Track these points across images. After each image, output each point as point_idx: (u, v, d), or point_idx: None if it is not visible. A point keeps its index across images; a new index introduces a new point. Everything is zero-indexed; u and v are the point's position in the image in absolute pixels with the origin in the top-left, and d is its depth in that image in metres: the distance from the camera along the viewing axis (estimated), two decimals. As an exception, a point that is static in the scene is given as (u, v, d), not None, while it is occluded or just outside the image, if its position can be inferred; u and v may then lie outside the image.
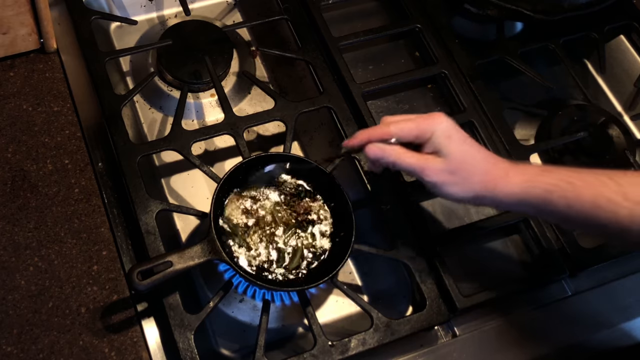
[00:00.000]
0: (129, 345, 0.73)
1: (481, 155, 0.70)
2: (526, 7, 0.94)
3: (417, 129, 0.69)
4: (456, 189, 0.69)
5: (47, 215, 0.79)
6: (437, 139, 0.68)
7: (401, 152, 0.69)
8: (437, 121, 0.69)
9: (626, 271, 0.86)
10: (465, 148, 0.69)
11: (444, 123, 0.69)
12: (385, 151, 0.70)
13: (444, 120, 0.69)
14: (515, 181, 0.68)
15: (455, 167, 0.68)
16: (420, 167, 0.69)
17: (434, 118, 0.69)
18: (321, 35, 0.94)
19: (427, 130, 0.69)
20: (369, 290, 0.88)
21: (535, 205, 0.67)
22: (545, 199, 0.66)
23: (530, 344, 0.80)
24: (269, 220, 0.78)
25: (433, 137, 0.68)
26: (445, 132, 0.69)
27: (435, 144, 0.68)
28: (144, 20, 1.04)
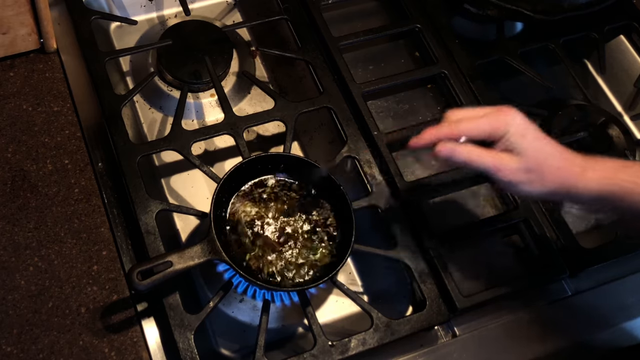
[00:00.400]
0: (129, 345, 0.73)
1: (557, 152, 0.67)
2: (526, 7, 0.94)
3: (490, 127, 0.67)
4: (532, 187, 0.67)
5: (47, 215, 0.79)
6: (511, 137, 0.66)
7: (473, 152, 0.67)
8: (510, 118, 0.67)
9: (626, 271, 0.86)
10: (540, 145, 0.67)
11: (517, 119, 0.66)
12: (456, 152, 0.67)
13: (517, 116, 0.67)
14: (593, 178, 0.66)
15: (531, 165, 0.66)
16: (495, 167, 0.66)
17: (507, 114, 0.67)
18: (321, 35, 0.94)
19: (499, 129, 0.66)
20: (369, 290, 0.88)
21: (612, 202, 0.66)
22: (623, 196, 0.65)
23: (531, 344, 0.80)
24: (269, 219, 0.78)
25: (507, 135, 0.66)
26: (520, 129, 0.66)
27: (509, 142, 0.66)
28: (144, 20, 1.04)
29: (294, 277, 0.76)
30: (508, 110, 0.67)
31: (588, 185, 0.66)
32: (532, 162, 0.66)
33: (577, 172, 0.67)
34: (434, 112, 0.97)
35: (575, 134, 0.92)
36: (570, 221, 0.85)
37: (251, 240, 0.77)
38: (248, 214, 0.78)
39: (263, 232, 0.78)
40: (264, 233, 0.77)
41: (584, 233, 0.89)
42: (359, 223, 0.76)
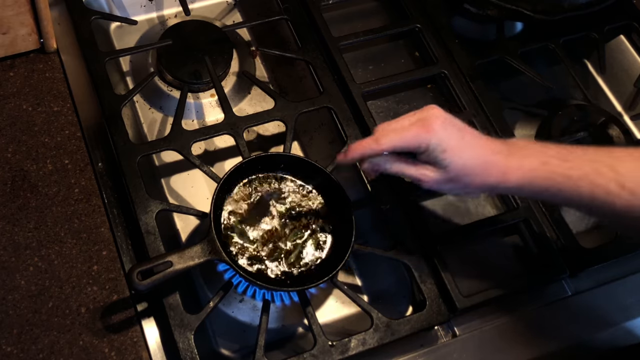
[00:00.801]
0: (129, 345, 0.73)
1: (477, 157, 0.68)
2: (526, 7, 0.94)
3: (411, 142, 0.68)
4: (458, 192, 0.72)
5: (47, 215, 0.79)
6: (432, 153, 0.68)
7: (395, 166, 0.71)
8: (431, 135, 0.67)
9: (626, 271, 0.86)
10: (463, 156, 0.68)
11: (437, 133, 0.67)
12: (379, 166, 0.71)
13: (437, 129, 0.67)
14: (513, 179, 0.67)
15: (454, 176, 0.68)
16: (417, 179, 0.70)
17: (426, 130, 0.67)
18: (321, 35, 0.94)
19: (421, 145, 0.68)
20: (369, 290, 0.88)
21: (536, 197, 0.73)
22: (543, 192, 0.67)
23: (531, 344, 0.80)
24: (269, 220, 0.78)
25: (428, 151, 0.68)
26: (440, 145, 0.67)
27: (431, 157, 0.68)
28: (144, 20, 1.04)
29: (294, 277, 0.76)
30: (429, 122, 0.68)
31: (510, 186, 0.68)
32: (455, 174, 0.68)
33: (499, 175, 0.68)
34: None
35: (575, 134, 0.92)
36: (570, 221, 0.85)
37: (251, 240, 0.77)
38: (248, 213, 0.78)
39: (263, 231, 0.78)
40: (264, 232, 0.77)
41: (584, 233, 0.89)
42: (359, 223, 0.76)
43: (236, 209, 0.78)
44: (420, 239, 0.80)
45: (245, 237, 0.77)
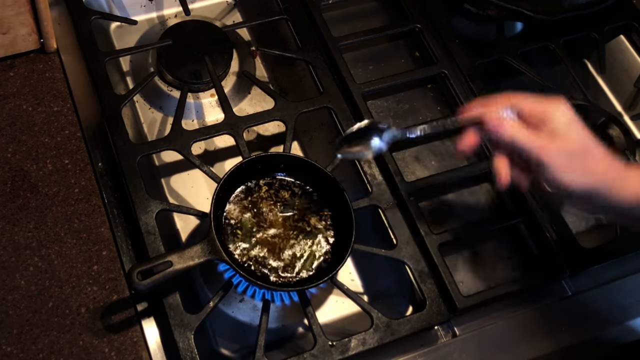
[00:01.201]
0: (129, 345, 0.73)
1: (601, 148, 0.65)
2: (526, 7, 0.94)
3: (537, 105, 0.64)
4: (572, 177, 0.63)
5: (47, 215, 0.79)
6: (559, 118, 0.63)
7: (519, 127, 0.64)
8: (558, 104, 0.64)
9: (626, 271, 0.86)
10: (587, 136, 0.64)
11: (565, 107, 0.64)
12: (503, 124, 0.64)
13: (565, 105, 0.65)
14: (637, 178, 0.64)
15: (576, 150, 0.63)
16: (539, 145, 0.63)
17: (555, 100, 0.65)
18: (321, 35, 0.94)
19: (546, 110, 0.64)
20: (369, 290, 0.88)
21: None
22: None
23: (530, 344, 0.80)
24: (269, 220, 0.78)
25: (554, 117, 0.64)
26: (567, 116, 0.64)
27: (555, 125, 0.63)
28: (144, 20, 1.04)
29: (294, 277, 0.76)
30: (557, 98, 0.65)
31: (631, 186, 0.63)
32: (578, 148, 0.63)
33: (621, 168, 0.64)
34: (434, 112, 0.97)
35: (575, 134, 0.92)
36: (570, 221, 0.85)
37: (251, 240, 0.77)
38: (248, 213, 0.78)
39: (263, 231, 0.78)
40: (264, 233, 0.77)
41: (584, 233, 0.89)
42: (359, 223, 0.76)
43: (236, 208, 0.78)
44: (420, 238, 0.80)
45: (245, 237, 0.77)
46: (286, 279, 0.76)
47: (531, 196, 0.85)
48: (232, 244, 0.76)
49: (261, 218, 0.78)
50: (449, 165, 0.91)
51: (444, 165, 0.91)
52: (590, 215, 0.91)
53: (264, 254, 0.76)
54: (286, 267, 0.76)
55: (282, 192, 0.80)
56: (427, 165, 0.91)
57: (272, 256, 0.77)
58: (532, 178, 0.67)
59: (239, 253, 0.76)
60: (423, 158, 0.92)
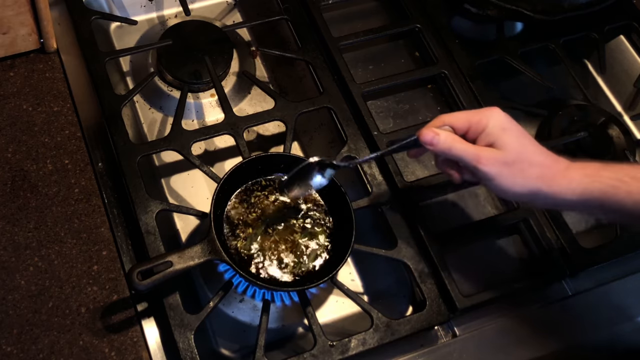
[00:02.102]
0: (129, 345, 0.73)
1: (539, 150, 0.67)
2: (526, 7, 0.94)
3: (471, 117, 0.67)
4: (512, 182, 0.65)
5: (47, 215, 0.79)
6: (491, 129, 0.66)
7: (455, 139, 0.67)
8: (491, 113, 0.67)
9: (626, 271, 0.86)
10: (523, 141, 0.66)
11: (498, 114, 0.67)
12: (438, 137, 0.66)
13: (498, 112, 0.67)
14: (576, 176, 0.65)
15: (513, 158, 0.65)
16: (475, 155, 0.65)
17: (488, 110, 0.67)
18: (321, 35, 0.94)
19: (480, 121, 0.66)
20: (369, 290, 0.88)
21: (599, 202, 0.64)
22: (610, 196, 0.64)
23: (530, 344, 0.80)
24: (269, 220, 0.78)
25: (487, 128, 0.66)
26: (500, 123, 0.66)
27: (490, 135, 0.66)
28: (144, 20, 1.04)
29: (294, 277, 0.76)
30: (491, 108, 0.68)
31: (571, 184, 0.65)
32: (514, 156, 0.65)
33: (560, 169, 0.66)
34: (434, 112, 0.97)
35: (575, 134, 0.92)
36: (570, 221, 0.85)
37: (251, 240, 0.77)
38: (248, 213, 0.78)
39: (263, 231, 0.78)
40: (264, 233, 0.77)
41: (584, 233, 0.89)
42: (359, 223, 0.76)
43: (236, 209, 0.78)
44: (420, 239, 0.80)
45: (245, 237, 0.77)
46: (286, 278, 0.76)
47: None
48: (232, 244, 0.76)
49: (261, 218, 0.78)
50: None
51: (444, 165, 0.91)
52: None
53: (264, 254, 0.76)
54: (286, 267, 0.76)
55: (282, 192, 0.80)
56: (427, 165, 0.91)
57: (272, 256, 0.77)
58: None
59: (239, 253, 0.76)
60: (423, 158, 0.92)
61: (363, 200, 0.82)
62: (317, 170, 0.74)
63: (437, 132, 0.67)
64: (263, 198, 0.79)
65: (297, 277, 0.76)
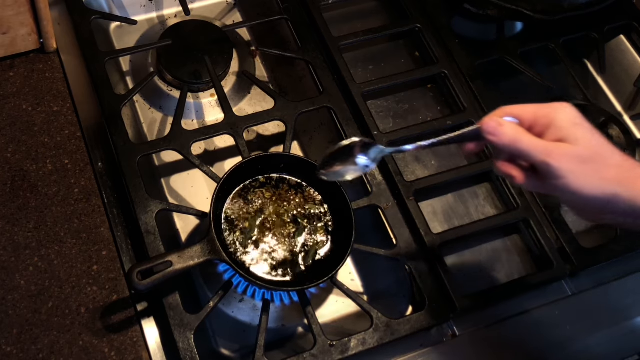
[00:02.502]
0: (129, 345, 0.73)
1: (615, 150, 0.59)
2: (526, 7, 0.94)
3: (538, 110, 0.60)
4: (585, 183, 0.57)
5: (47, 215, 0.79)
6: (562, 123, 0.58)
7: (521, 131, 0.59)
8: (561, 106, 0.59)
9: (626, 271, 0.86)
10: (598, 138, 0.58)
11: (569, 109, 0.59)
12: (503, 126, 0.59)
13: (569, 107, 0.60)
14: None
15: (588, 155, 0.57)
16: (545, 150, 0.57)
17: (557, 104, 0.60)
18: (321, 35, 0.94)
19: (549, 114, 0.59)
20: (369, 290, 0.88)
21: None
22: None
23: (530, 344, 0.80)
24: (269, 219, 0.78)
25: (557, 122, 0.58)
26: (572, 118, 0.59)
27: (560, 129, 0.58)
28: (144, 20, 1.04)
29: (294, 276, 0.76)
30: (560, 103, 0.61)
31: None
32: (589, 152, 0.57)
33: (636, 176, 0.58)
34: (434, 112, 0.97)
35: (575, 134, 0.92)
36: (570, 221, 0.85)
37: (251, 240, 0.77)
38: (248, 213, 0.78)
39: (263, 231, 0.78)
40: (264, 232, 0.77)
41: (584, 233, 0.89)
42: (359, 223, 0.76)
43: (236, 208, 0.78)
44: (420, 239, 0.80)
45: (244, 237, 0.77)
46: (286, 278, 0.76)
47: (531, 196, 0.85)
48: (232, 244, 0.76)
49: (261, 218, 0.78)
50: (449, 165, 0.91)
51: (444, 165, 0.91)
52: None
53: (264, 253, 0.76)
54: (286, 266, 0.76)
55: (282, 192, 0.80)
56: (427, 165, 0.91)
57: (272, 256, 0.77)
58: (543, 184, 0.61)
59: (239, 253, 0.76)
60: (423, 158, 0.92)
61: (363, 200, 0.82)
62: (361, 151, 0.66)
63: (502, 122, 0.60)
64: (263, 198, 0.79)
65: (297, 277, 0.76)
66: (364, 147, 0.66)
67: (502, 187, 0.87)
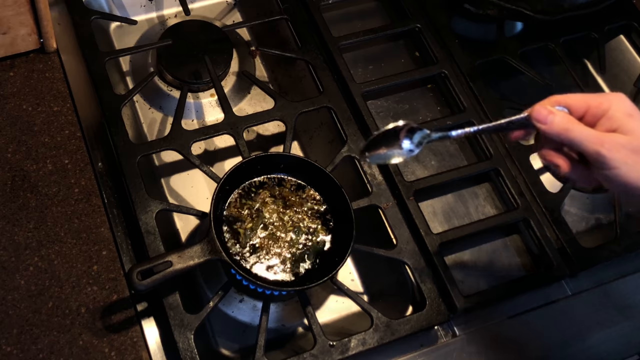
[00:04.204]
0: (129, 345, 0.73)
1: None
2: (526, 7, 0.94)
3: (590, 100, 0.59)
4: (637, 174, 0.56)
5: (47, 215, 0.79)
6: (615, 113, 0.57)
7: (572, 120, 0.58)
8: (615, 97, 0.59)
9: (626, 271, 0.86)
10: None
11: (623, 99, 0.59)
12: (554, 114, 0.58)
13: (623, 97, 0.59)
14: None
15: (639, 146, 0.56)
16: (598, 140, 0.56)
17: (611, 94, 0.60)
18: (321, 35, 0.94)
19: (601, 104, 0.58)
20: (369, 290, 0.88)
21: None
22: None
23: (530, 344, 0.80)
24: (269, 219, 0.78)
25: (610, 112, 0.58)
26: (626, 108, 0.58)
27: (612, 119, 0.57)
28: (144, 20, 1.04)
29: (294, 276, 0.76)
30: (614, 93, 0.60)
31: None
32: None
33: None
34: (434, 112, 0.97)
35: (575, 134, 0.92)
36: (570, 221, 0.85)
37: (251, 240, 0.77)
38: (248, 213, 0.78)
39: (263, 231, 0.78)
40: (264, 232, 0.77)
41: (584, 233, 0.89)
42: (359, 223, 0.76)
43: (236, 208, 0.78)
44: (420, 239, 0.80)
45: (245, 237, 0.77)
46: (286, 278, 0.76)
47: (531, 196, 0.85)
48: (232, 244, 0.76)
49: (261, 218, 0.78)
50: (449, 165, 0.91)
51: (444, 165, 0.91)
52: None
53: (264, 253, 0.76)
54: (286, 266, 0.76)
55: (282, 192, 0.80)
56: (427, 165, 0.91)
57: (272, 256, 0.77)
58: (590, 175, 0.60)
59: (239, 253, 0.76)
60: (423, 158, 0.92)
61: (363, 200, 0.82)
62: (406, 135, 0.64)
63: (553, 110, 0.59)
64: (263, 198, 0.79)
65: (297, 277, 0.76)
66: (410, 131, 0.64)
67: (502, 187, 0.87)
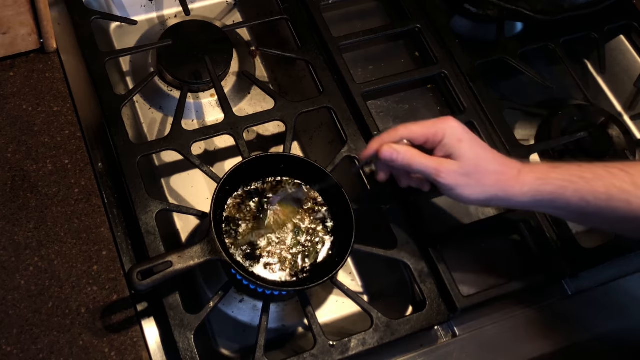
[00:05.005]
0: (129, 345, 0.73)
1: (493, 157, 0.71)
2: (526, 7, 0.94)
3: (427, 130, 0.70)
4: (471, 191, 0.70)
5: (47, 215, 0.79)
6: (448, 140, 0.69)
7: (415, 153, 0.70)
8: (447, 124, 0.70)
9: (626, 271, 0.86)
10: (477, 150, 0.70)
11: (453, 126, 0.70)
12: (398, 152, 0.70)
13: (454, 123, 0.71)
14: (528, 180, 0.69)
15: (469, 169, 0.69)
16: (435, 169, 0.69)
17: (443, 121, 0.71)
18: (321, 35, 0.94)
19: (437, 133, 0.70)
20: (369, 290, 0.88)
21: (550, 202, 0.69)
22: (559, 195, 0.68)
23: (530, 344, 0.80)
24: (269, 220, 0.78)
25: (444, 140, 0.70)
26: (456, 135, 0.70)
27: (447, 146, 0.69)
28: (144, 20, 1.04)
29: (294, 276, 0.76)
30: (446, 118, 0.71)
31: (524, 188, 0.69)
32: (470, 166, 0.69)
33: (513, 174, 0.69)
34: (434, 112, 0.97)
35: (575, 134, 0.92)
36: (570, 221, 0.85)
37: (251, 240, 0.77)
38: (248, 213, 0.78)
39: (263, 231, 0.77)
40: (264, 232, 0.77)
41: (584, 233, 0.89)
42: (359, 223, 0.76)
43: (236, 208, 0.78)
44: (420, 239, 0.80)
45: (245, 237, 0.77)
46: (286, 278, 0.76)
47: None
48: (232, 244, 0.76)
49: (261, 218, 0.78)
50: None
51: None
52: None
53: (264, 253, 0.76)
54: (286, 266, 0.76)
55: (282, 192, 0.80)
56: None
57: (272, 256, 0.77)
58: None
59: (239, 253, 0.76)
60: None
61: (363, 200, 0.82)
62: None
63: (396, 148, 0.71)
64: (263, 198, 0.79)
65: (297, 277, 0.76)
66: None
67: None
